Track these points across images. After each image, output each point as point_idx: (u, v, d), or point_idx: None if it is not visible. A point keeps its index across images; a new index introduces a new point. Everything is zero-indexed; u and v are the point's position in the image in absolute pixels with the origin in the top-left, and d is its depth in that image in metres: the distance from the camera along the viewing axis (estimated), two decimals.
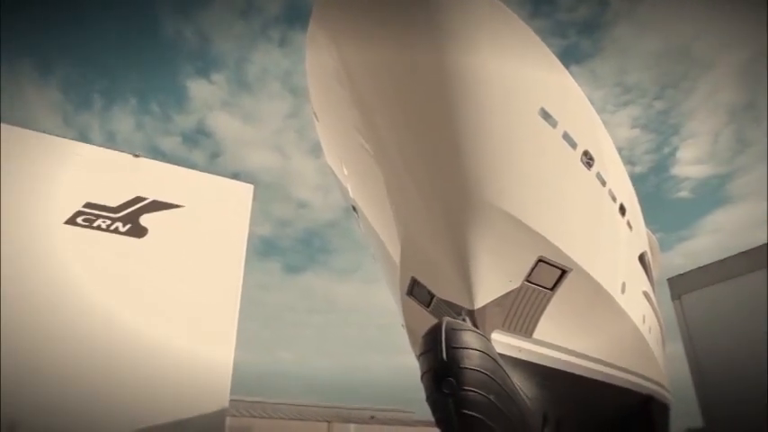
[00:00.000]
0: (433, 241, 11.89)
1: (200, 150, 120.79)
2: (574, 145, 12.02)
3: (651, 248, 19.90)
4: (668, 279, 30.91)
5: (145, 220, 23.66)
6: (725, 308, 27.52)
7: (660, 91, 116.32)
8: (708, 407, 27.18)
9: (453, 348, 10.26)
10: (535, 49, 11.16)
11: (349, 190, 14.24)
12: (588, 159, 12.53)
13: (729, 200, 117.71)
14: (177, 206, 24.56)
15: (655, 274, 21.36)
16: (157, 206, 24.16)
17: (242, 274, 25.03)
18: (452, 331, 10.44)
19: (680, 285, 30.49)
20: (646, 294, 18.33)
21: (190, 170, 26.28)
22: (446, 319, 10.83)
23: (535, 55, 11.15)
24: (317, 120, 13.52)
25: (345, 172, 13.56)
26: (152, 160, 25.42)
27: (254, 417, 33.65)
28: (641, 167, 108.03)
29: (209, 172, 27.00)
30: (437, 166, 10.88)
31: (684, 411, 28.48)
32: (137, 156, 24.93)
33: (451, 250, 11.67)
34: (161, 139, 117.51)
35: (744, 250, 28.00)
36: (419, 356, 11.08)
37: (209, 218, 25.23)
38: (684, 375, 28.57)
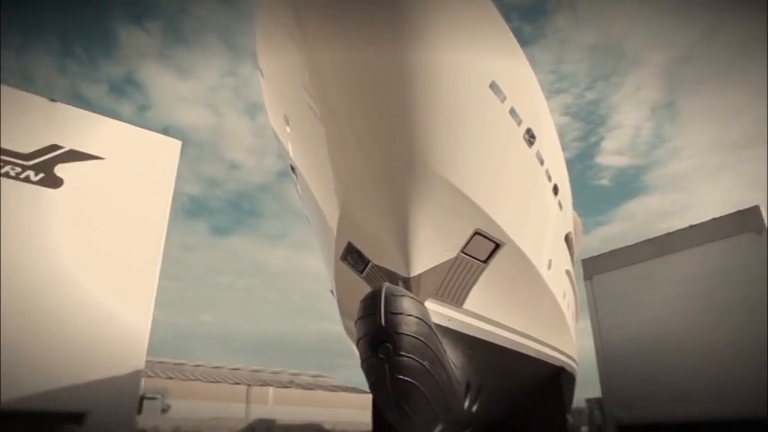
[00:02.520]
0: (373, 206, 11.79)
1: (129, 101, 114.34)
2: (519, 122, 12.23)
3: (575, 229, 20.85)
4: (582, 260, 32.79)
5: (60, 170, 22.18)
6: (630, 289, 29.58)
7: (592, 82, 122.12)
8: (606, 379, 29.36)
9: (391, 314, 10.33)
10: (492, 23, 11.18)
11: (290, 150, 13.84)
12: (530, 137, 12.83)
13: (643, 191, 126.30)
14: (97, 157, 23.13)
15: (576, 254, 22.50)
16: (75, 156, 22.68)
17: (165, 232, 24.13)
18: (392, 297, 10.49)
19: (592, 267, 32.45)
20: (568, 273, 19.29)
21: (112, 120, 24.76)
22: (386, 284, 10.87)
23: (491, 28, 11.18)
24: (263, 76, 12.98)
25: (288, 131, 13.15)
26: (71, 106, 23.68)
27: (171, 378, 32.85)
28: (568, 153, 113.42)
29: (136, 125, 25.52)
30: (383, 131, 10.73)
31: (584, 382, 30.51)
32: (53, 100, 23.12)
33: (391, 216, 11.63)
34: (85, 86, 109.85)
35: (650, 238, 30.16)
36: (356, 321, 11.07)
37: (132, 172, 24.01)
38: (587, 350, 30.63)
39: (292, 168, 14.82)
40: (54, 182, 21.79)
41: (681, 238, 27.92)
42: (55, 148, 22.23)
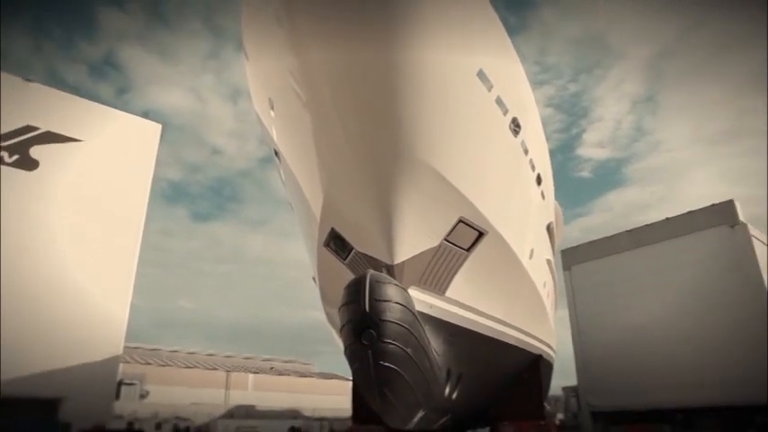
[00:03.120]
0: (358, 193, 11.72)
1: (108, 83, 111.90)
2: (505, 111, 12.23)
3: (556, 220, 21.03)
4: (562, 251, 33.11)
5: (36, 151, 21.66)
6: (607, 280, 30.00)
7: (575, 75, 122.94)
8: (582, 367, 29.85)
9: (376, 301, 10.34)
10: (481, 12, 11.14)
11: (274, 134, 13.66)
12: (516, 127, 12.85)
13: (621, 183, 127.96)
14: (75, 140, 22.64)
15: (557, 244, 22.71)
16: (52, 138, 22.17)
17: (144, 217, 23.78)
18: (376, 284, 10.51)
19: (571, 257, 32.79)
20: (548, 262, 19.48)
21: (91, 102, 24.24)
22: (370, 271, 10.87)
23: (481, 17, 11.12)
24: (248, 59, 12.76)
25: (273, 115, 12.97)
26: (48, 87, 23.11)
27: (149, 364, 32.57)
28: (550, 145, 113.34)
29: (115, 107, 25.06)
30: (370, 118, 10.65)
31: (560, 370, 30.97)
32: (29, 80, 22.51)
33: (376, 203, 11.59)
34: (63, 66, 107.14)
35: (628, 229, 30.58)
36: (339, 308, 11.06)
37: (111, 155, 23.57)
38: (564, 338, 31.10)
39: (276, 153, 14.63)
40: (29, 164, 21.31)
41: (658, 231, 28.37)
42: (30, 129, 21.70)
